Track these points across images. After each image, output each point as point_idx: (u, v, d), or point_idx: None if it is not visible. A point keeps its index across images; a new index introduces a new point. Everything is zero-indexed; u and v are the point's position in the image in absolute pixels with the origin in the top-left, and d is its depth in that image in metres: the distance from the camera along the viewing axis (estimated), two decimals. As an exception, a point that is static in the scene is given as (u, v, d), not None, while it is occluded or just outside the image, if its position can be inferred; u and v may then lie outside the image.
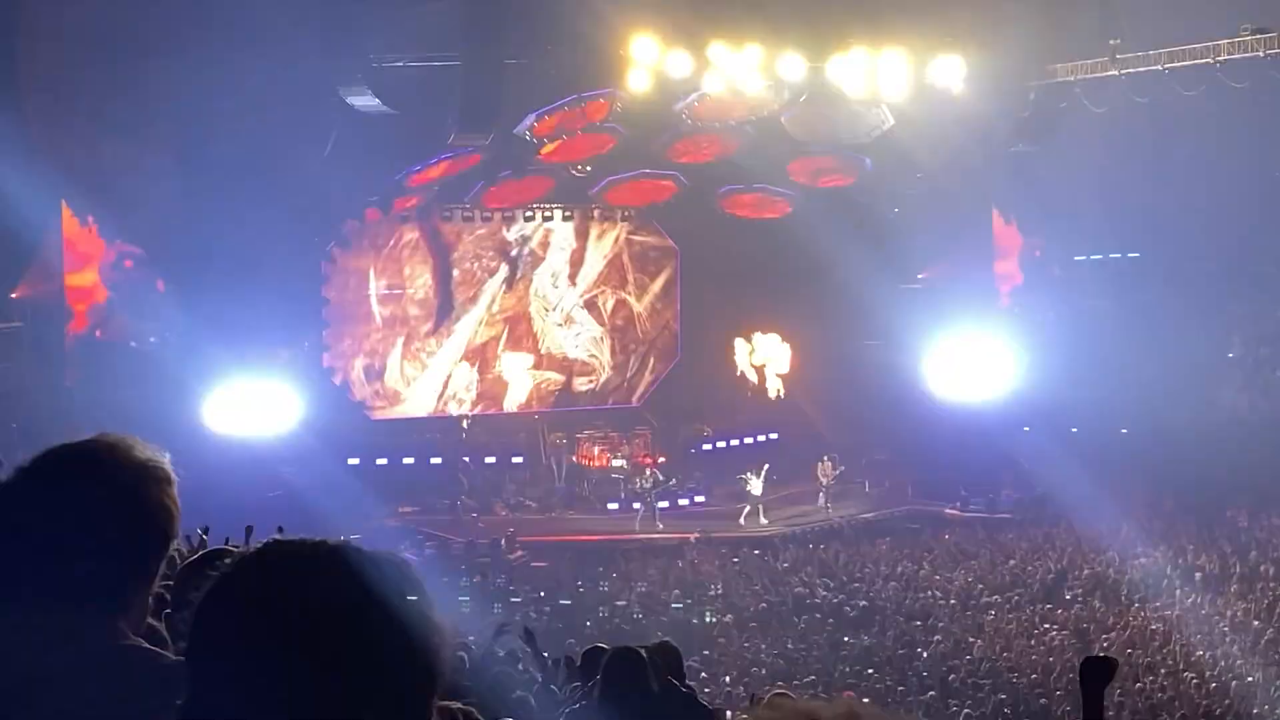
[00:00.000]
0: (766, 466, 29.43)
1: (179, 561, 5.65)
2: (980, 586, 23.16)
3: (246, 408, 27.12)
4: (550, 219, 32.53)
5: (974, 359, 32.18)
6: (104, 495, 2.40)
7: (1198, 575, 22.71)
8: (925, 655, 19.67)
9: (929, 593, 23.06)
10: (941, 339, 31.63)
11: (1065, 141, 30.17)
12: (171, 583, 4.56)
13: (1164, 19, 26.78)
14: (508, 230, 32.24)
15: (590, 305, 33.50)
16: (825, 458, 30.04)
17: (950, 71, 27.95)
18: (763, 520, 28.76)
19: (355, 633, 1.73)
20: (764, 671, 19.19)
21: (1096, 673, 3.62)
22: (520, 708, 8.11)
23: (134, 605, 2.46)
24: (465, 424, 30.73)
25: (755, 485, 28.96)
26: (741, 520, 28.68)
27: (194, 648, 1.79)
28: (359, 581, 1.76)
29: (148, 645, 2.45)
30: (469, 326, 32.16)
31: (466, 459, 30.26)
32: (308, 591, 1.75)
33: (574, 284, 33.26)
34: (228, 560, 1.86)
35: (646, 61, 26.75)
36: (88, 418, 20.42)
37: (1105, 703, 3.87)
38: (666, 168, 30.92)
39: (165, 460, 2.50)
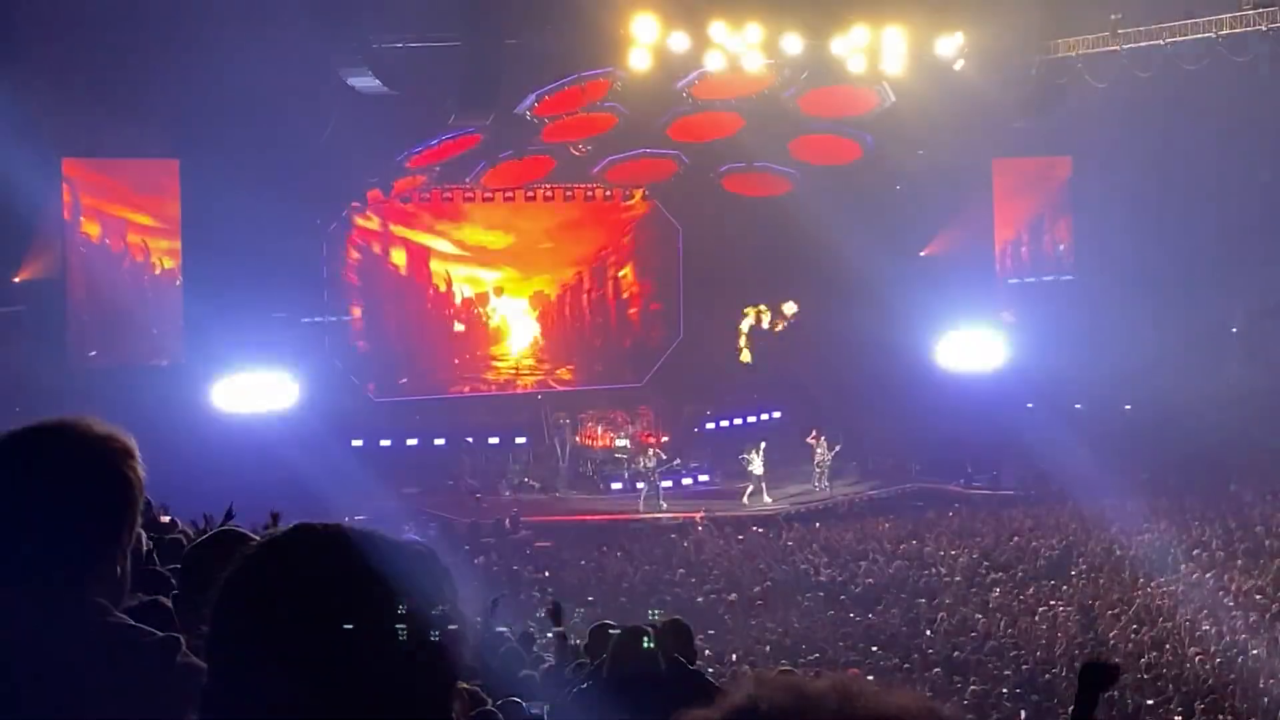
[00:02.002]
0: (764, 444, 29.36)
1: (186, 544, 5.65)
2: (985, 564, 23.14)
3: (251, 390, 27.19)
4: (550, 199, 32.45)
5: (977, 335, 32.20)
6: (66, 472, 2.40)
7: (1202, 550, 22.69)
8: (930, 633, 19.66)
9: (933, 570, 23.04)
10: (944, 316, 31.60)
11: (1067, 117, 30.10)
12: (179, 565, 4.55)
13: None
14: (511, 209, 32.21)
15: (592, 285, 33.44)
16: (815, 431, 29.92)
17: (952, 47, 27.87)
18: (766, 499, 28.76)
19: (378, 622, 1.71)
20: (769, 650, 19.20)
21: (1097, 678, 3.54)
22: (527, 686, 8.13)
23: (108, 578, 2.46)
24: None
25: (757, 464, 28.95)
26: (745, 499, 28.68)
27: (216, 633, 1.78)
28: (383, 570, 1.75)
29: (131, 621, 2.45)
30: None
31: (470, 440, 30.27)
32: (332, 579, 1.73)
33: (576, 263, 33.23)
34: (250, 545, 1.84)
35: (647, 40, 26.66)
36: (91, 402, 20.40)
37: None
38: (667, 146, 30.84)
39: (125, 435, 2.50)
